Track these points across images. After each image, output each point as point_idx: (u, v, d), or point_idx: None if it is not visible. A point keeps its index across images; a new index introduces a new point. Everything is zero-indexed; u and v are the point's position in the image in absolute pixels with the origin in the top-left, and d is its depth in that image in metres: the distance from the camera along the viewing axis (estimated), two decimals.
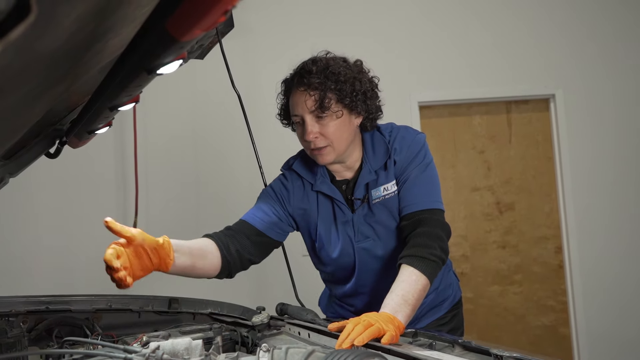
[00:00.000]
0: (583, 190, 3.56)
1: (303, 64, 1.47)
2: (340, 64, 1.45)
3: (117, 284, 1.16)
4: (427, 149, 1.52)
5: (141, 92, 0.86)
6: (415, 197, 1.45)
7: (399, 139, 1.50)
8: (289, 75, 1.51)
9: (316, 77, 1.40)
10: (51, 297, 1.50)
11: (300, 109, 1.42)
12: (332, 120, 1.41)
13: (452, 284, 1.71)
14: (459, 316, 1.71)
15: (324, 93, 1.39)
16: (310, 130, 1.41)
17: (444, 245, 1.39)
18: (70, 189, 3.34)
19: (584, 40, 3.62)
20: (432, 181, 1.49)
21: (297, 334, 1.31)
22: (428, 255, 1.33)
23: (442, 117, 3.63)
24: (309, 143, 1.43)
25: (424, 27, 3.59)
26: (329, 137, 1.41)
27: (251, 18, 3.47)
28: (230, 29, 1.61)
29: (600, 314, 3.50)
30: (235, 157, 3.32)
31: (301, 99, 1.42)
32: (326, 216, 1.55)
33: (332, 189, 1.53)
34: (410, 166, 1.47)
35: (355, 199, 1.51)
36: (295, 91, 1.44)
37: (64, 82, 0.93)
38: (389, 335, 1.08)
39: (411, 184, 1.46)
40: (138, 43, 0.61)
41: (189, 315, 1.66)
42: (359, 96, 1.43)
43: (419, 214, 1.43)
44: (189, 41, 0.56)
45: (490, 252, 3.61)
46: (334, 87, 1.40)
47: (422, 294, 1.30)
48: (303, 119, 1.42)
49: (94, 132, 1.09)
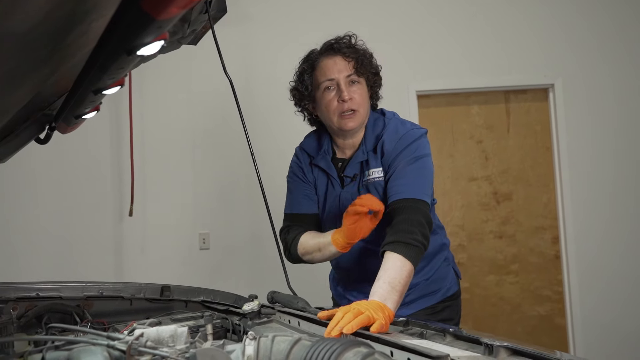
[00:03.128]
0: (581, 181, 3.55)
1: (336, 37, 1.61)
2: (364, 47, 1.62)
3: None
4: (421, 143, 1.56)
5: (126, 75, 0.84)
6: (400, 186, 1.48)
7: (391, 131, 1.57)
8: (310, 52, 1.64)
9: (351, 48, 1.57)
10: (42, 284, 1.49)
11: (336, 72, 1.55)
12: (360, 88, 1.57)
13: (447, 277, 1.72)
14: (452, 308, 1.71)
15: (360, 60, 1.56)
16: (347, 90, 1.54)
17: (425, 231, 1.40)
18: (66, 177, 3.33)
19: (584, 30, 3.59)
20: (420, 173, 1.51)
21: (287, 322, 1.30)
22: (410, 241, 1.35)
23: (440, 106, 3.61)
24: (342, 105, 1.55)
25: (423, 15, 3.56)
26: (358, 100, 1.55)
27: (251, 6, 3.44)
28: (223, 14, 1.58)
29: (596, 304, 3.51)
30: (232, 145, 3.30)
31: (338, 64, 1.56)
32: (321, 188, 1.67)
33: (329, 164, 1.65)
34: (398, 158, 1.52)
35: (345, 176, 1.61)
36: (330, 58, 1.57)
37: (47, 65, 0.92)
38: (378, 324, 1.07)
39: (398, 174, 1.50)
40: (116, 23, 0.59)
41: (181, 303, 1.65)
42: (374, 76, 1.61)
43: (401, 202, 1.45)
44: (167, 20, 0.54)
45: (487, 242, 3.60)
46: (364, 59, 1.57)
47: (408, 279, 1.31)
48: (338, 83, 1.55)
49: (81, 117, 1.07)
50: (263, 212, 1.67)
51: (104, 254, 3.33)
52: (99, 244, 3.32)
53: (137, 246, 3.37)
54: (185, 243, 3.40)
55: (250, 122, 1.81)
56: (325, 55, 1.58)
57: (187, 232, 3.40)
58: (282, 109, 3.43)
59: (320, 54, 1.60)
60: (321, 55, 1.60)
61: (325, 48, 1.60)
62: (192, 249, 3.40)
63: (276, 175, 2.86)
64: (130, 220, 3.30)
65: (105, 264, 3.32)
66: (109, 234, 3.34)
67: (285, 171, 1.79)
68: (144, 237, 3.38)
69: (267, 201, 1.64)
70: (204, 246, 3.40)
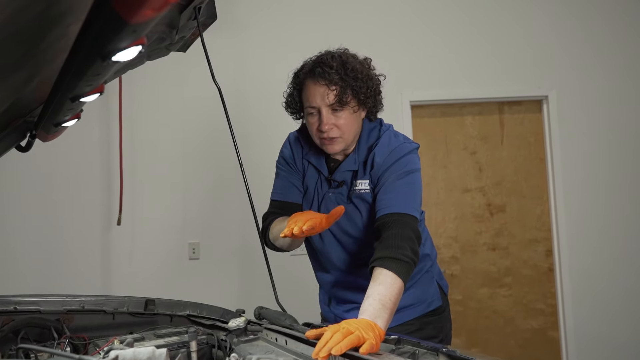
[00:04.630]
0: (575, 193, 3.53)
1: (321, 57, 1.53)
2: (356, 61, 1.53)
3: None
4: (411, 158, 1.53)
5: (105, 82, 0.79)
6: (389, 201, 1.45)
7: (383, 143, 1.54)
8: (301, 67, 1.57)
9: (336, 73, 1.47)
10: (20, 297, 1.44)
11: (318, 101, 1.49)
12: (346, 113, 1.50)
13: (428, 290, 1.66)
14: (435, 324, 1.65)
15: (344, 89, 1.47)
16: (326, 121, 1.49)
17: (414, 246, 1.36)
18: (53, 185, 3.27)
19: (579, 42, 3.59)
20: (409, 188, 1.48)
21: (274, 340, 1.25)
22: (400, 256, 1.31)
23: (434, 117, 3.58)
24: (322, 133, 1.51)
25: (417, 25, 3.54)
26: (341, 128, 1.50)
27: (244, 14, 3.41)
28: (213, 20, 1.55)
29: (589, 317, 3.48)
30: (224, 154, 3.25)
31: (320, 92, 1.49)
32: (311, 182, 1.66)
33: (321, 162, 1.63)
34: (388, 171, 1.50)
35: (333, 180, 1.60)
36: (314, 84, 1.50)
37: (22, 70, 0.87)
38: (368, 344, 1.03)
39: (387, 188, 1.47)
40: (89, 26, 0.55)
41: (166, 318, 1.60)
42: (371, 92, 1.52)
43: (390, 216, 1.42)
44: (141, 24, 0.50)
45: (480, 254, 3.57)
46: (353, 83, 1.48)
47: (398, 297, 1.27)
48: (320, 111, 1.50)
49: (60, 124, 1.03)
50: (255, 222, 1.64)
51: (91, 263, 3.26)
52: (86, 254, 3.25)
53: (125, 256, 3.30)
54: (175, 253, 3.34)
55: (242, 130, 1.79)
56: (309, 79, 1.52)
57: (176, 241, 3.35)
58: (274, 116, 3.40)
59: (305, 75, 1.53)
60: (305, 77, 1.53)
61: (308, 70, 1.53)
62: (181, 259, 3.34)
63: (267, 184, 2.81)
64: (118, 230, 3.24)
65: (92, 274, 3.25)
66: (97, 244, 3.28)
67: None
68: (133, 246, 3.32)
69: (256, 213, 1.60)
70: (194, 256, 3.34)
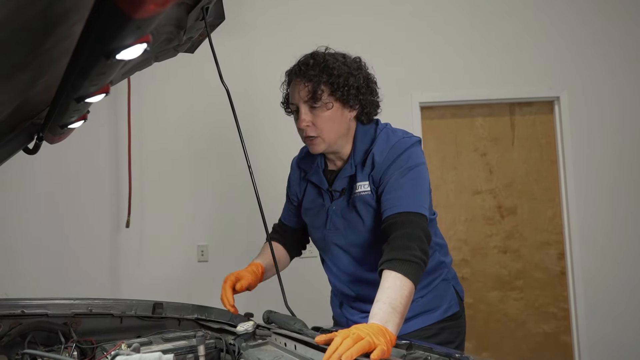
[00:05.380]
0: (587, 195, 3.48)
1: (304, 56, 1.56)
2: (337, 60, 1.52)
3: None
4: (414, 152, 1.48)
5: (110, 83, 0.78)
6: (394, 200, 1.41)
7: (381, 141, 1.52)
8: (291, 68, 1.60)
9: (312, 70, 1.48)
10: (28, 300, 1.43)
11: (296, 97, 1.52)
12: (323, 111, 1.49)
13: (446, 295, 1.63)
14: (452, 330, 1.62)
15: (317, 85, 1.47)
16: (303, 118, 1.50)
17: (423, 246, 1.32)
18: (61, 187, 3.27)
19: (590, 43, 3.54)
20: (415, 184, 1.44)
21: (283, 345, 1.23)
22: (409, 257, 1.27)
23: (444, 118, 3.55)
24: (302, 131, 1.52)
25: (426, 26, 3.51)
26: (319, 126, 1.49)
27: (252, 16, 3.40)
28: (221, 21, 1.53)
29: (602, 321, 3.42)
30: (232, 156, 3.24)
31: (297, 88, 1.51)
32: (312, 201, 1.66)
33: (321, 178, 1.62)
34: (390, 169, 1.46)
35: (334, 190, 1.58)
36: (294, 81, 1.53)
37: (26, 71, 0.86)
38: (379, 350, 1.00)
39: (391, 187, 1.44)
40: (92, 24, 0.54)
41: (174, 321, 1.59)
42: (351, 90, 1.49)
43: (397, 216, 1.37)
44: (145, 19, 0.49)
45: (491, 257, 3.53)
46: (327, 80, 1.47)
47: (408, 299, 1.23)
48: (298, 107, 1.51)
49: (67, 126, 1.01)
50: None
51: (100, 266, 3.26)
52: (94, 256, 3.25)
53: (134, 258, 3.30)
54: (184, 255, 3.33)
55: (251, 132, 1.78)
56: (292, 77, 1.56)
57: (185, 244, 3.34)
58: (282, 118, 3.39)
59: (289, 74, 1.58)
60: (290, 76, 1.58)
61: (291, 69, 1.57)
62: (190, 262, 3.33)
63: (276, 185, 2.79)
64: (127, 232, 3.24)
65: (101, 276, 3.25)
66: (105, 246, 3.27)
67: (285, 182, 1.81)
68: (141, 249, 3.31)
69: (264, 215, 1.57)
70: (203, 258, 3.33)
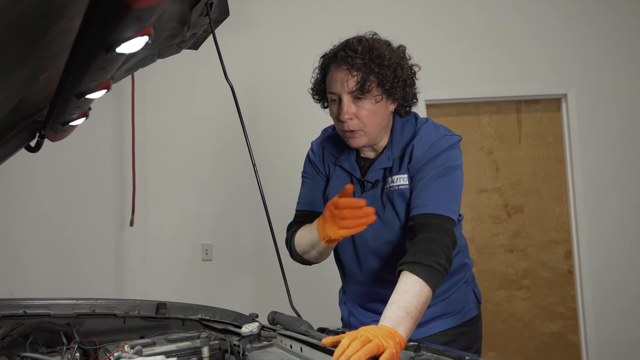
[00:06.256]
0: (594, 194, 3.45)
1: (347, 41, 1.42)
2: (385, 47, 1.41)
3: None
4: (453, 153, 1.42)
5: (112, 78, 0.75)
6: (426, 199, 1.34)
7: (423, 136, 1.43)
8: (329, 50, 1.46)
9: (360, 58, 1.35)
10: (30, 300, 1.41)
11: (339, 87, 1.38)
12: (369, 103, 1.38)
13: (467, 299, 1.59)
14: (470, 335, 1.57)
15: (366, 75, 1.35)
16: (346, 110, 1.37)
17: (449, 254, 1.27)
18: (65, 186, 3.26)
19: (597, 40, 3.50)
20: (449, 187, 1.37)
21: (288, 347, 1.20)
22: (433, 264, 1.21)
23: (450, 116, 3.52)
24: (343, 124, 1.40)
25: (432, 24, 3.48)
26: (362, 120, 1.38)
27: (256, 14, 3.38)
28: (225, 17, 1.51)
29: (610, 321, 3.39)
30: (237, 154, 3.23)
31: (342, 77, 1.37)
32: (340, 189, 1.48)
33: (353, 165, 1.51)
34: (427, 167, 1.39)
35: (366, 181, 1.48)
36: (337, 68, 1.39)
37: (25, 66, 0.84)
38: (388, 353, 0.98)
39: (425, 185, 1.37)
40: (92, 15, 0.52)
41: (177, 322, 1.57)
42: (399, 83, 1.39)
43: (426, 217, 1.31)
44: (146, 9, 0.46)
45: (497, 256, 3.50)
46: (378, 70, 1.35)
47: (424, 306, 1.18)
48: (340, 98, 1.39)
49: (68, 123, 0.99)
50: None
51: (104, 265, 3.25)
52: (98, 255, 3.24)
53: (138, 257, 3.29)
54: (188, 254, 3.31)
55: (256, 129, 1.74)
56: (333, 63, 1.42)
57: (189, 242, 3.32)
58: (287, 116, 3.40)
59: (330, 59, 1.43)
60: (330, 61, 1.43)
61: (333, 53, 1.42)
62: (194, 260, 3.31)
63: (281, 185, 2.77)
64: (131, 231, 3.23)
65: (105, 275, 3.24)
66: (109, 245, 3.26)
67: (291, 179, 1.75)
68: (146, 248, 3.30)
69: (269, 214, 1.55)
70: (207, 257, 3.31)
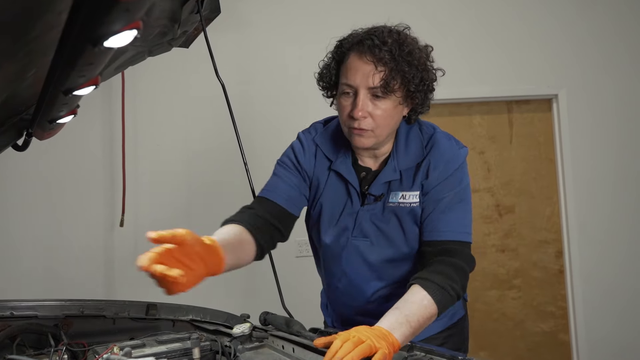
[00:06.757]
0: (585, 194, 3.46)
1: (375, 29, 1.28)
2: (415, 45, 1.29)
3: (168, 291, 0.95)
4: (466, 167, 1.35)
5: (100, 74, 0.74)
6: (447, 224, 1.29)
7: (438, 152, 1.32)
8: (348, 35, 1.32)
9: (389, 52, 1.22)
10: (17, 302, 1.39)
11: (358, 79, 1.24)
12: (388, 104, 1.25)
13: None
14: (457, 337, 1.54)
15: (394, 73, 1.22)
16: (361, 107, 1.23)
17: (466, 283, 1.24)
18: (52, 185, 3.21)
19: (588, 40, 3.52)
20: (467, 209, 1.32)
21: (280, 348, 1.19)
22: (447, 287, 1.18)
23: (442, 116, 3.52)
24: (353, 121, 1.26)
25: (423, 24, 3.42)
26: (377, 120, 1.25)
27: (249, 13, 3.36)
28: (216, 14, 1.50)
29: (600, 320, 3.41)
30: (229, 154, 3.19)
31: (365, 69, 1.23)
32: (334, 197, 1.40)
33: (351, 173, 1.37)
34: (444, 187, 1.30)
35: (369, 194, 1.36)
36: (360, 58, 1.24)
37: (12, 62, 0.82)
38: (380, 354, 0.97)
39: (445, 208, 1.29)
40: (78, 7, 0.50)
41: (168, 323, 1.55)
42: (424, 87, 1.27)
43: (447, 243, 1.28)
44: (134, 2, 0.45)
45: (489, 256, 3.50)
46: (407, 69, 1.23)
47: (427, 322, 1.15)
48: (357, 92, 1.25)
49: (55, 121, 0.97)
50: None
51: (93, 266, 3.21)
52: (87, 256, 3.20)
53: (128, 258, 3.25)
54: None
55: (247, 129, 1.73)
56: (354, 51, 1.26)
57: None
58: (280, 115, 3.38)
59: (351, 45, 1.28)
60: (351, 48, 1.28)
61: (357, 40, 1.27)
62: None
63: None
64: (121, 231, 3.19)
65: (94, 277, 3.20)
66: (99, 246, 3.22)
67: None
68: (136, 248, 3.26)
69: None
70: None
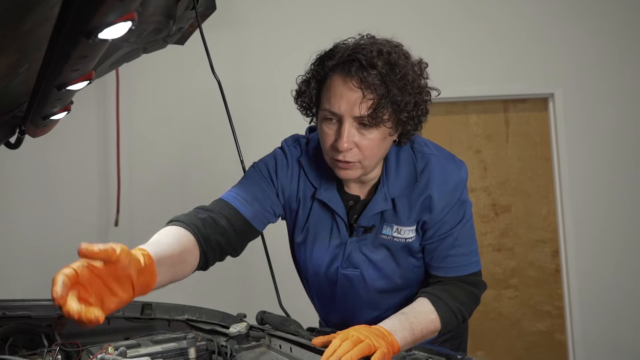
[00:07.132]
0: (581, 193, 3.47)
1: (362, 48, 1.08)
2: (409, 66, 1.11)
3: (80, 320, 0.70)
4: (466, 190, 1.23)
5: (94, 70, 0.72)
6: (456, 261, 1.24)
7: (438, 179, 1.19)
8: (330, 51, 1.14)
9: (378, 77, 1.05)
10: (10, 302, 1.37)
11: (343, 108, 1.08)
12: (375, 133, 1.10)
13: None
14: (454, 340, 1.52)
15: (384, 101, 1.06)
16: (347, 138, 1.08)
17: (474, 308, 1.25)
18: (46, 184, 3.19)
19: (584, 39, 3.53)
20: (472, 235, 1.26)
21: (278, 347, 1.18)
22: (456, 310, 1.19)
23: (438, 115, 3.51)
24: (338, 153, 1.11)
25: (419, 23, 3.48)
26: (364, 151, 1.10)
27: (246, 12, 3.35)
28: (212, 11, 1.49)
29: (597, 319, 3.41)
30: (225, 152, 3.18)
31: (350, 97, 1.07)
32: (321, 225, 1.28)
33: (338, 202, 1.23)
34: (449, 219, 1.21)
35: (359, 226, 1.24)
36: (344, 83, 1.07)
37: (4, 57, 0.80)
38: (380, 353, 0.95)
39: (453, 243, 1.22)
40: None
41: (163, 322, 1.54)
42: (417, 112, 1.13)
43: (465, 277, 1.25)
44: None
45: (485, 255, 3.50)
46: (399, 98, 1.07)
47: (428, 335, 1.15)
48: (341, 120, 1.09)
49: (49, 117, 0.96)
50: None
51: None
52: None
53: None
54: None
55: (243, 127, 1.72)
56: (339, 73, 1.09)
57: None
58: (276, 114, 3.36)
59: (335, 66, 1.10)
60: (334, 69, 1.10)
61: (342, 60, 1.08)
62: None
63: None
64: (116, 231, 3.17)
65: None
66: None
67: None
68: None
69: None
70: None
